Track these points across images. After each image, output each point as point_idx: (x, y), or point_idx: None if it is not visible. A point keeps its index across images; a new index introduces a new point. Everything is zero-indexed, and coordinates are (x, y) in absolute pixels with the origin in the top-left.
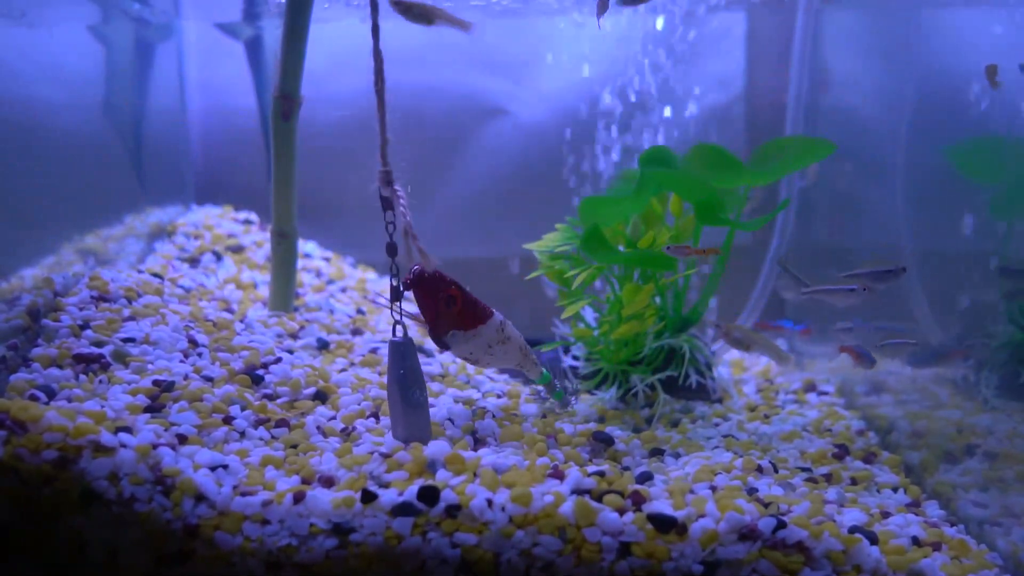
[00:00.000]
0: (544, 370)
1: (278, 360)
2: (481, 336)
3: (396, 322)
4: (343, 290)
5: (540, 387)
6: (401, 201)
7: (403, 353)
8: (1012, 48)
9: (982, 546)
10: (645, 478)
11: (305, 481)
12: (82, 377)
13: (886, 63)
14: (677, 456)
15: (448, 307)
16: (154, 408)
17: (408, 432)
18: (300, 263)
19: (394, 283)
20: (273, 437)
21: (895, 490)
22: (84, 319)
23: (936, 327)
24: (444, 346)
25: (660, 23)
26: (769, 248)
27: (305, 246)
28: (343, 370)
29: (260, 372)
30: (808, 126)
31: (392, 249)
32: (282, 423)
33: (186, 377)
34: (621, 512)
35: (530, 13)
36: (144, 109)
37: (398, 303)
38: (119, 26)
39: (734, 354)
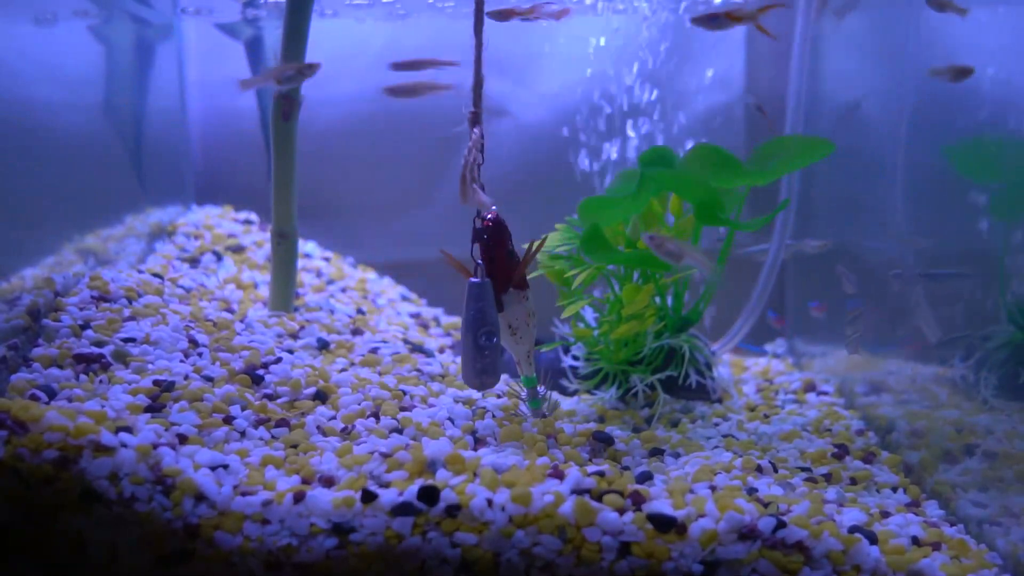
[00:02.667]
0: (534, 374)
1: (278, 360)
2: (528, 300)
3: (477, 264)
4: (343, 290)
5: (522, 389)
6: (473, 140)
7: (476, 294)
8: (1012, 48)
9: (982, 546)
10: (645, 478)
11: (305, 481)
12: (82, 377)
13: (886, 63)
14: (677, 456)
15: (512, 263)
16: (154, 408)
17: (475, 376)
18: (300, 263)
19: (478, 225)
20: (273, 437)
21: (895, 490)
22: (84, 319)
23: (936, 327)
24: (501, 307)
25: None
26: (770, 248)
27: (305, 246)
28: (343, 370)
29: (260, 372)
30: (808, 126)
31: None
32: (282, 423)
33: (186, 377)
34: (621, 512)
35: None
36: (144, 109)
37: (472, 248)
38: (119, 26)
39: (733, 354)
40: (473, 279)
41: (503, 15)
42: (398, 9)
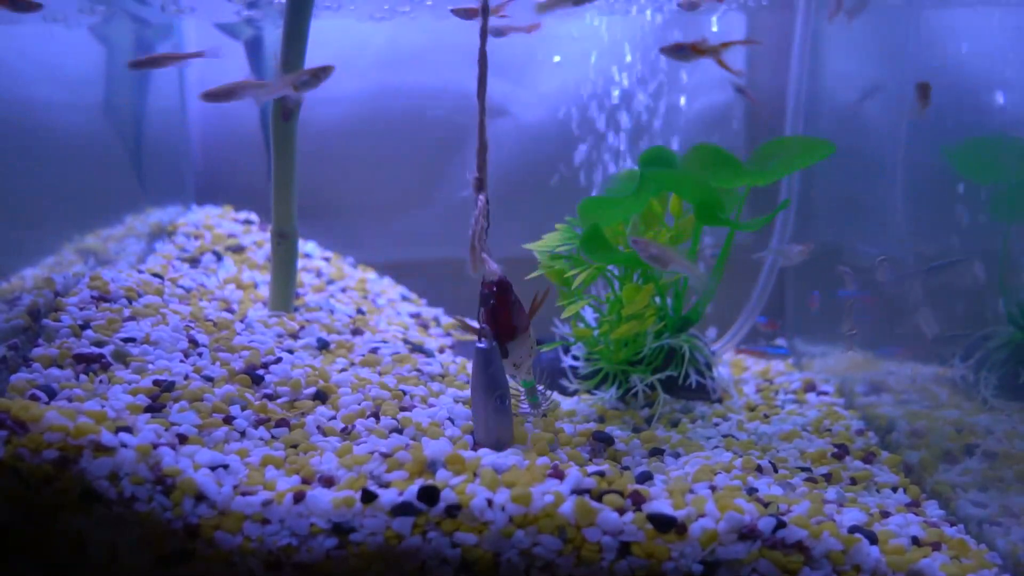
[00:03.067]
0: (532, 377)
1: (278, 360)
2: (529, 335)
3: (482, 329)
4: (343, 290)
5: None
6: (479, 208)
7: (485, 360)
8: (1011, 48)
9: (982, 546)
10: (645, 478)
11: (305, 481)
12: (82, 377)
13: (886, 63)
14: (677, 456)
15: (517, 315)
16: (154, 408)
17: (490, 438)
18: (300, 263)
19: (485, 292)
20: (273, 437)
21: (895, 490)
22: (84, 319)
23: (935, 324)
24: (506, 354)
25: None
26: (769, 248)
27: (305, 246)
28: (343, 370)
29: (260, 372)
30: (808, 126)
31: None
32: (282, 423)
33: (186, 377)
34: (621, 512)
35: (531, 13)
36: (144, 109)
37: (479, 311)
38: (119, 26)
39: (734, 354)
40: (480, 345)
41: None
42: (404, 8)
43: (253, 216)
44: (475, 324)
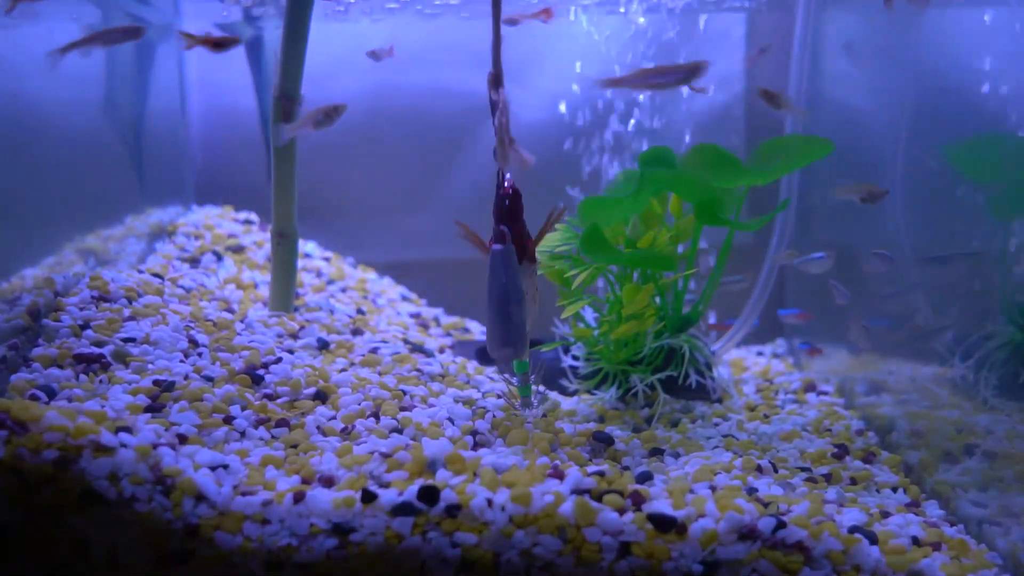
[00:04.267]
0: (527, 360)
1: (278, 360)
2: (535, 275)
3: (501, 232)
4: (343, 290)
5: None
6: (502, 102)
7: (502, 262)
8: (1012, 49)
9: (982, 546)
10: (645, 478)
11: (305, 481)
12: (82, 377)
13: (886, 63)
14: (677, 456)
15: (527, 233)
16: (154, 408)
17: (502, 347)
18: (300, 263)
19: (502, 192)
20: (273, 437)
21: (895, 490)
22: (84, 319)
23: (942, 325)
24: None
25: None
26: (769, 248)
27: (305, 246)
28: (343, 370)
29: (260, 372)
30: (808, 126)
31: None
32: (282, 423)
33: (186, 377)
34: (621, 512)
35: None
36: (144, 109)
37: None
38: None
39: (734, 354)
40: (497, 246)
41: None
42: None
43: (253, 216)
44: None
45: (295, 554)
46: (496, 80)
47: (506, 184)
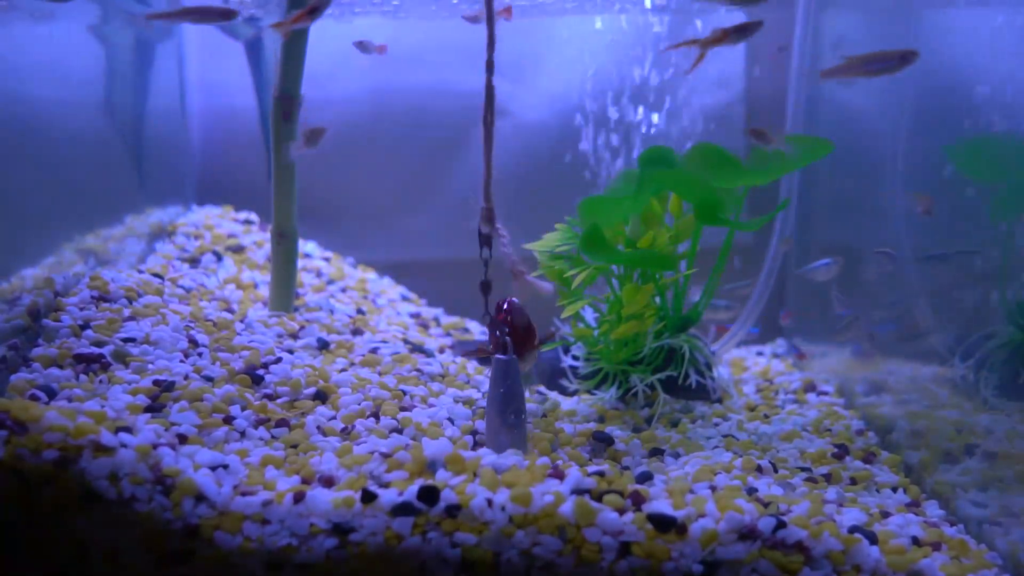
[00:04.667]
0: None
1: (278, 360)
2: (537, 352)
3: (504, 341)
4: (343, 290)
5: (538, 387)
6: (504, 239)
7: (503, 372)
8: (1010, 48)
9: (982, 546)
10: (645, 478)
11: (305, 481)
12: (82, 377)
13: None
14: (677, 456)
15: (528, 335)
16: (154, 408)
17: (504, 451)
18: (300, 263)
19: (487, 322)
20: (273, 437)
21: (895, 490)
22: (84, 319)
23: (936, 326)
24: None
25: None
26: (769, 248)
27: (305, 246)
28: (343, 370)
29: (260, 372)
30: (808, 126)
31: (486, 287)
32: (282, 423)
33: (186, 377)
34: (621, 512)
35: (531, 13)
36: (144, 109)
37: (492, 322)
38: (119, 26)
39: (734, 354)
40: (500, 356)
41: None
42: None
43: (253, 216)
44: (484, 338)
45: (295, 554)
46: (488, 215)
47: (504, 307)
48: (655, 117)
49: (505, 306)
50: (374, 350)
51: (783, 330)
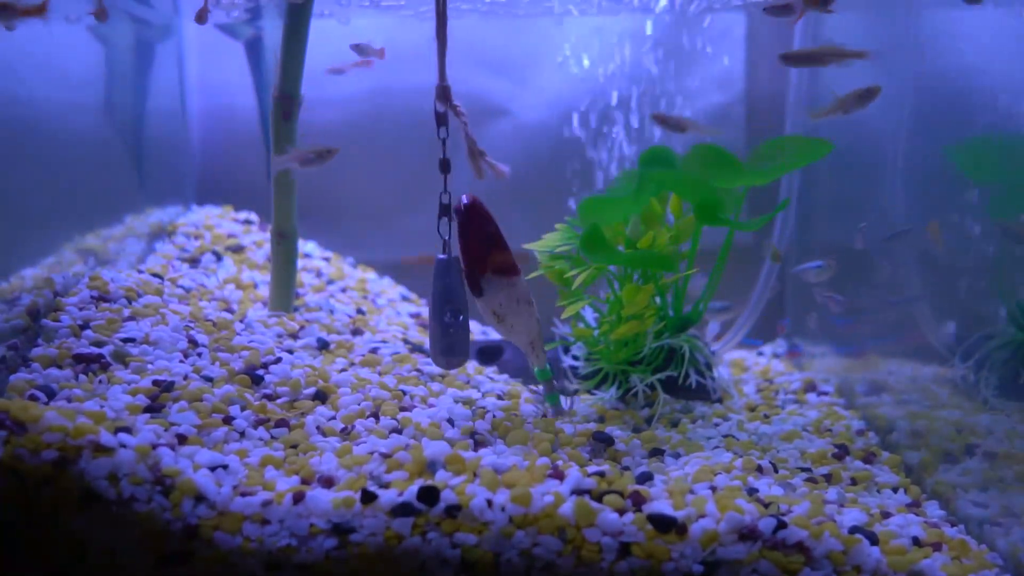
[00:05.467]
0: (548, 366)
1: (278, 360)
2: (516, 287)
3: (445, 241)
4: (343, 290)
5: (537, 387)
6: (463, 118)
7: (440, 270)
8: (1011, 47)
9: (982, 546)
10: (645, 478)
11: (305, 481)
12: (82, 377)
13: (886, 63)
14: (677, 456)
15: (490, 247)
16: (154, 408)
17: (441, 355)
18: (300, 263)
19: (444, 201)
20: (273, 437)
21: (895, 490)
22: (84, 319)
23: (936, 326)
24: (479, 291)
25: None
26: (769, 248)
27: (305, 246)
28: (343, 370)
29: (260, 372)
30: (808, 125)
31: (445, 165)
32: (282, 423)
33: (186, 377)
34: (621, 512)
35: (530, 13)
36: (144, 109)
37: (450, 216)
38: (119, 26)
39: (734, 354)
40: (440, 256)
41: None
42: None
43: (253, 216)
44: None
45: (295, 554)
46: (444, 93)
47: (462, 201)
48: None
49: (464, 202)
50: (374, 350)
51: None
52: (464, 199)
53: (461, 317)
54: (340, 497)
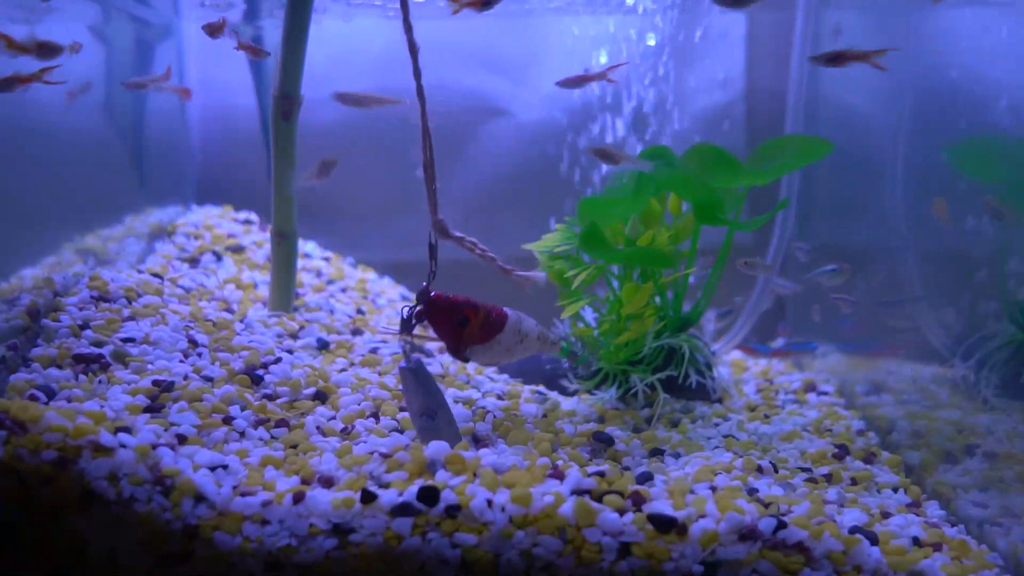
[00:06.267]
0: (563, 343)
1: (278, 360)
2: (500, 343)
3: (407, 351)
4: (343, 290)
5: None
6: (477, 245)
7: (412, 377)
8: (1010, 47)
9: (982, 546)
10: (645, 478)
11: (305, 481)
12: (82, 377)
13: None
14: (677, 456)
15: (463, 327)
16: (154, 408)
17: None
18: (300, 263)
19: (404, 314)
20: (273, 437)
21: (895, 490)
22: (84, 319)
23: (936, 326)
24: (465, 360)
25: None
26: (769, 248)
27: (305, 246)
28: (343, 370)
29: (260, 372)
30: (808, 126)
31: (424, 295)
32: (282, 423)
33: (186, 377)
34: (621, 512)
35: (530, 13)
36: (144, 109)
37: (409, 329)
38: (119, 26)
39: (734, 354)
40: (402, 364)
41: None
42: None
43: (253, 216)
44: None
45: (294, 554)
46: (442, 226)
47: (423, 299)
48: (654, 118)
49: (424, 304)
50: (374, 350)
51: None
52: (423, 300)
53: (435, 417)
54: (340, 497)
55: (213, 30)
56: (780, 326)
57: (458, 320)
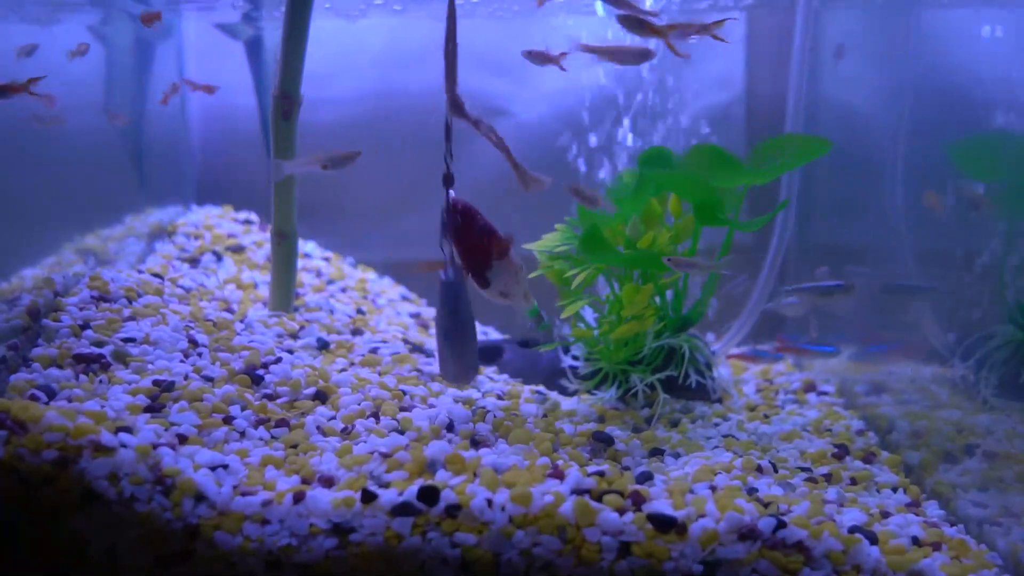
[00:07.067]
0: (533, 303)
1: (278, 360)
2: (512, 262)
3: (445, 259)
4: (343, 290)
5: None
6: (494, 131)
7: (448, 295)
8: (1010, 47)
9: (982, 546)
10: (645, 478)
11: (305, 481)
12: (82, 377)
13: (886, 63)
14: (677, 456)
15: (487, 238)
16: (154, 408)
17: (455, 374)
18: (300, 263)
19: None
20: (273, 437)
21: (895, 490)
22: (84, 319)
23: (936, 327)
24: (486, 283)
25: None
26: (769, 248)
27: (305, 246)
28: (343, 370)
29: (260, 372)
30: (808, 125)
31: (449, 180)
32: (282, 423)
33: (186, 377)
34: (621, 512)
35: (530, 13)
36: (144, 109)
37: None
38: (119, 26)
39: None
40: (443, 278)
41: None
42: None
43: (253, 216)
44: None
45: (295, 554)
46: (458, 108)
47: (453, 207)
48: (654, 118)
49: (456, 206)
50: (374, 350)
51: (784, 329)
52: (453, 203)
53: (467, 342)
54: (340, 497)
55: (148, 19)
56: (779, 336)
57: (481, 228)
